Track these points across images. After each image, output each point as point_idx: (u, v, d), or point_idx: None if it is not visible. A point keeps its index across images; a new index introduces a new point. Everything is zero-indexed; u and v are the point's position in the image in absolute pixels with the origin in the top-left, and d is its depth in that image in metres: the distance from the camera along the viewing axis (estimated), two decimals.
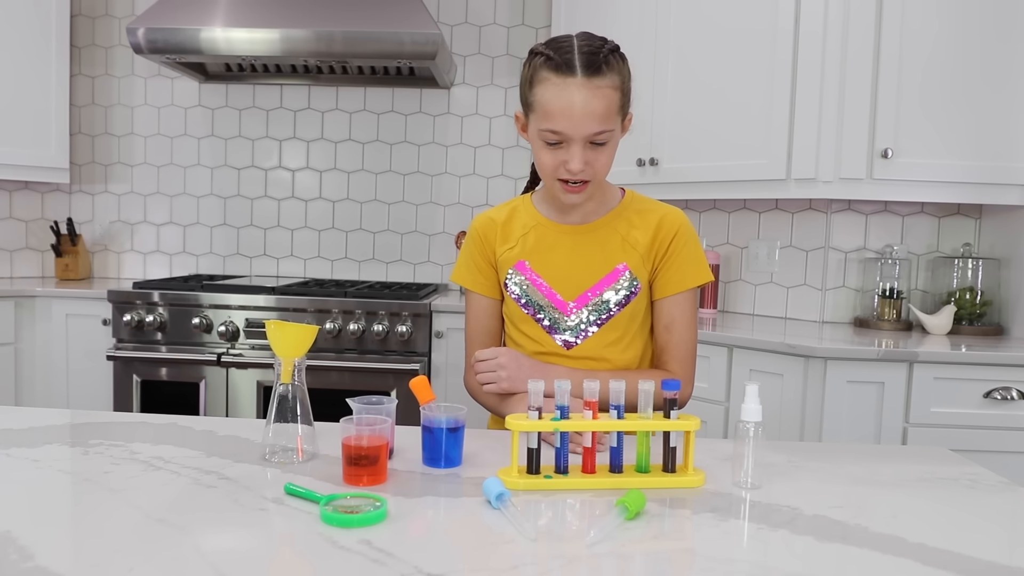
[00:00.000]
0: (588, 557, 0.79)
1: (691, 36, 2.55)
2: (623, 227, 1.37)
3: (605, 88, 1.22)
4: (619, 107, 1.26)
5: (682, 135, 2.60)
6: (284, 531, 0.83)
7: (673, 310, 1.37)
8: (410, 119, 3.29)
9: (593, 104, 1.21)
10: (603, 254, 1.37)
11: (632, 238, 1.36)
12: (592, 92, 1.21)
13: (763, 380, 2.13)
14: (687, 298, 1.37)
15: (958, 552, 0.82)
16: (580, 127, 1.22)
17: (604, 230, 1.38)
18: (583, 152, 1.24)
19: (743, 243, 2.82)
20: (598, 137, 1.24)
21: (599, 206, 1.39)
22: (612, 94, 1.23)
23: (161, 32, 2.73)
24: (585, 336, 1.36)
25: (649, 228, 1.36)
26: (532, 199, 1.45)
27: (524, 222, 1.42)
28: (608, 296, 1.35)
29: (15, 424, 1.20)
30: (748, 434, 1.01)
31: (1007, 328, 2.43)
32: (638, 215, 1.38)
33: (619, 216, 1.38)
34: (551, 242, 1.39)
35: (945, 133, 2.29)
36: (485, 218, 1.45)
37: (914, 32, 2.27)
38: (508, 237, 1.42)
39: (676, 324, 1.36)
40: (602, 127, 1.23)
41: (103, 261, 3.40)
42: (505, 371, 1.29)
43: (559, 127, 1.23)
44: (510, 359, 1.31)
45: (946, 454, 1.21)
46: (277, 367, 1.08)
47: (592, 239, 1.38)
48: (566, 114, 1.22)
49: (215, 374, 2.69)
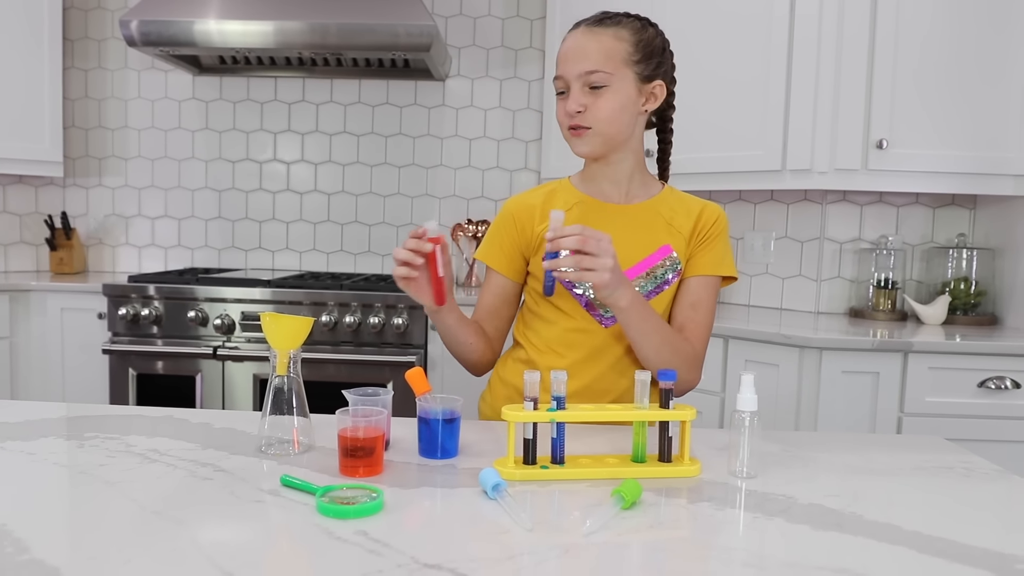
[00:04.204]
0: (584, 546, 0.79)
1: (686, 25, 2.54)
2: (667, 212, 1.37)
3: (604, 35, 1.28)
4: (624, 58, 1.27)
5: (677, 125, 2.59)
6: (281, 523, 0.83)
7: (701, 290, 1.35)
8: (405, 111, 3.28)
9: (587, 44, 1.27)
10: (649, 234, 1.35)
11: (677, 222, 1.36)
12: (590, 36, 1.28)
13: (759, 370, 2.14)
14: (716, 284, 1.37)
15: (953, 539, 0.83)
16: (571, 67, 1.28)
17: (648, 212, 1.37)
18: (580, 94, 1.27)
19: (739, 234, 2.82)
20: (592, 78, 1.26)
21: (640, 189, 1.38)
22: (613, 42, 1.27)
23: (154, 24, 2.71)
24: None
25: (692, 215, 1.37)
26: (571, 180, 1.42)
27: (565, 199, 1.38)
28: (651, 276, 1.34)
29: (10, 418, 1.20)
30: (744, 424, 1.01)
31: (1001, 318, 2.44)
32: (680, 203, 1.38)
33: (662, 202, 1.38)
34: (595, 218, 1.35)
35: (940, 124, 2.29)
36: (519, 200, 1.42)
37: (909, 23, 2.27)
38: (548, 216, 1.39)
39: (701, 305, 1.35)
40: (595, 67, 1.26)
41: (98, 255, 3.39)
42: (612, 260, 1.12)
43: (559, 71, 1.30)
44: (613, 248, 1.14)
45: (941, 443, 1.22)
46: (273, 359, 1.08)
47: (637, 219, 1.36)
48: (564, 57, 1.30)
49: (211, 367, 2.69)
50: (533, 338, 1.40)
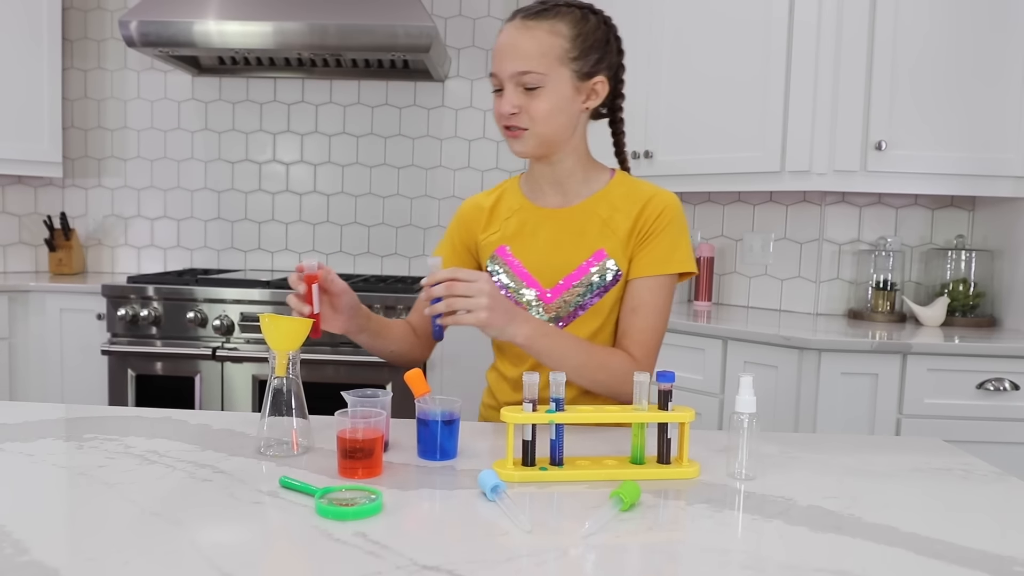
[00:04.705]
0: (583, 548, 0.79)
1: (686, 29, 2.54)
2: (605, 210, 1.31)
3: (539, 30, 1.22)
4: (560, 55, 1.22)
5: (677, 127, 2.60)
6: (279, 524, 0.83)
7: (643, 293, 1.28)
8: (404, 112, 3.28)
9: (520, 41, 1.22)
10: (582, 239, 1.31)
11: (613, 222, 1.30)
12: (522, 32, 1.22)
13: (757, 372, 2.14)
14: (661, 284, 1.29)
15: (951, 541, 0.83)
16: (504, 65, 1.23)
17: (584, 214, 1.32)
18: (513, 94, 1.23)
19: (737, 235, 2.83)
20: (525, 79, 1.21)
21: (581, 187, 1.33)
22: (548, 37, 1.21)
23: (154, 25, 2.71)
24: (567, 323, 1.31)
25: (632, 211, 1.29)
26: (519, 181, 1.41)
27: (509, 205, 1.38)
28: (586, 283, 1.29)
29: (9, 419, 1.20)
30: (743, 425, 1.01)
31: (1000, 319, 2.44)
32: (624, 198, 1.31)
33: (603, 199, 1.32)
34: (532, 227, 1.34)
35: (938, 125, 2.29)
36: (472, 204, 1.42)
37: (907, 24, 2.27)
38: (493, 221, 1.38)
39: (643, 308, 1.27)
40: (527, 67, 1.21)
41: (97, 255, 3.39)
42: (487, 299, 1.11)
43: (493, 67, 1.25)
44: (492, 287, 1.13)
45: (939, 445, 1.22)
46: (272, 360, 1.08)
47: (571, 223, 1.32)
48: (498, 54, 1.24)
49: (210, 368, 2.69)
50: (495, 346, 1.41)
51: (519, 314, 1.17)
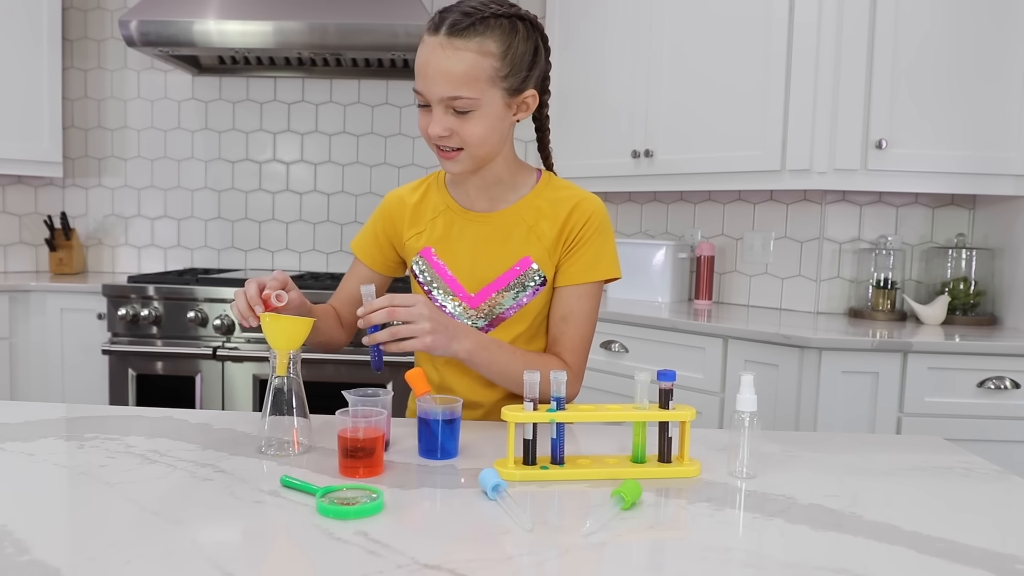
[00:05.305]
0: (584, 547, 0.79)
1: (686, 27, 2.54)
2: (531, 216, 1.30)
3: (466, 51, 1.14)
4: (491, 76, 1.16)
5: (677, 126, 2.60)
6: (281, 523, 0.83)
7: (571, 301, 1.29)
8: (404, 111, 3.28)
9: (447, 65, 1.14)
10: (507, 246, 1.30)
11: (539, 229, 1.29)
12: (449, 53, 1.14)
13: (758, 370, 2.14)
14: (589, 291, 1.30)
15: (952, 540, 0.83)
16: (432, 88, 1.16)
17: (511, 219, 1.30)
18: (444, 117, 1.17)
19: (738, 234, 2.83)
20: (456, 104, 1.15)
21: (508, 191, 1.32)
22: (477, 59, 1.14)
23: (154, 25, 2.71)
24: (493, 326, 1.31)
25: (559, 218, 1.28)
26: (445, 179, 1.37)
27: (435, 205, 1.35)
28: (512, 290, 1.29)
29: (10, 418, 1.20)
30: (743, 424, 1.01)
31: (1001, 318, 2.44)
32: (549, 203, 1.30)
33: (529, 204, 1.31)
34: (458, 231, 1.32)
35: (939, 124, 2.29)
36: (397, 197, 1.39)
37: (908, 22, 2.27)
38: (417, 220, 1.36)
39: (573, 316, 1.29)
40: (457, 92, 1.14)
41: (97, 255, 3.39)
42: (429, 323, 1.12)
43: (418, 86, 1.18)
44: (431, 309, 1.14)
45: (940, 443, 1.22)
46: (272, 360, 1.08)
47: (497, 229, 1.31)
48: (422, 73, 1.17)
49: (211, 368, 2.69)
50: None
51: (459, 330, 1.18)
